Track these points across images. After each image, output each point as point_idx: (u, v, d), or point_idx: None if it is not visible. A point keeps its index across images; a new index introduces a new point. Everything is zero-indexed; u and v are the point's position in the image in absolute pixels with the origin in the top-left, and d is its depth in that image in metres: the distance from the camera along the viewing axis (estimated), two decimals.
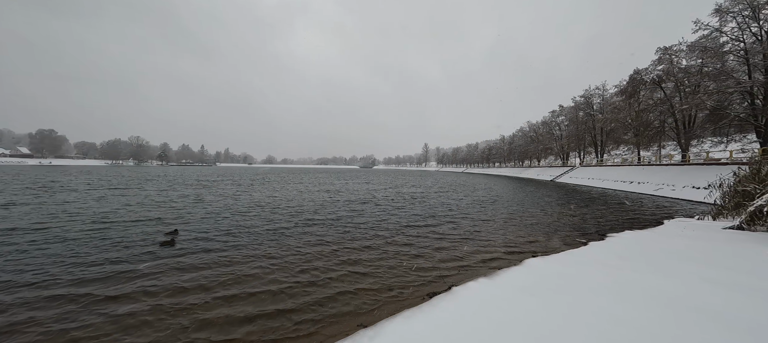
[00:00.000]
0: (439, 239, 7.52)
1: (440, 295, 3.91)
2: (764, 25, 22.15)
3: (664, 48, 29.57)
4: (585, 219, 10.87)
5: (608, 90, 46.91)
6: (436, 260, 5.81)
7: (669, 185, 21.84)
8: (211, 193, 17.32)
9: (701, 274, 4.19)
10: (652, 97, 32.14)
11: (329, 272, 5.04)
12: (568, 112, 57.07)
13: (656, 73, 30.43)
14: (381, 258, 5.79)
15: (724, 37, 24.42)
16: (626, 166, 33.84)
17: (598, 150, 48.43)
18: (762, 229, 6.87)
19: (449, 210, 12.46)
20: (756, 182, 8.23)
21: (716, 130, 26.47)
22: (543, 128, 68.30)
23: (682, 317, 2.91)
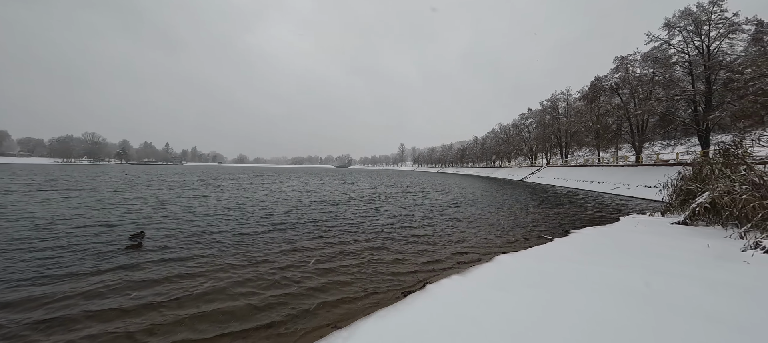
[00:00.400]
0: (416, 238, 7.61)
1: (415, 293, 3.95)
2: (705, 39, 24.55)
3: (621, 57, 31.91)
4: (551, 217, 11.47)
5: (572, 95, 49.90)
6: (412, 259, 5.87)
7: (625, 184, 23.58)
8: (175, 195, 16.36)
9: (650, 265, 4.55)
10: (610, 103, 34.56)
11: (302, 275, 4.93)
12: (536, 116, 59.95)
13: (614, 80, 32.77)
14: (356, 259, 5.75)
15: (672, 49, 26.78)
16: (588, 167, 36.15)
17: (563, 151, 51.32)
18: (702, 224, 7.60)
19: (425, 210, 12.64)
20: (697, 182, 9.09)
21: (665, 134, 28.99)
22: (513, 130, 71.25)
23: (636, 305, 3.14)
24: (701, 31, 24.48)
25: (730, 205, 6.74)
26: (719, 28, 23.77)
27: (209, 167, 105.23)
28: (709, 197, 7.42)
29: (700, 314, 2.90)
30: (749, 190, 6.65)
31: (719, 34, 23.87)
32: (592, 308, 3.13)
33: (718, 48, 24.26)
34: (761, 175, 7.02)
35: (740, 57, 23.47)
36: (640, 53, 30.14)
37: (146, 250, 6.06)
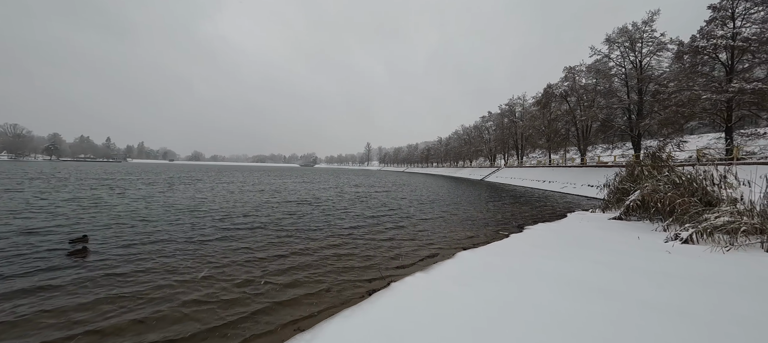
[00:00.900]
0: (382, 238, 7.65)
1: (380, 292, 3.97)
2: (638, 55, 27.64)
3: (569, 67, 34.79)
4: (508, 214, 12.18)
5: (527, 101, 53.34)
6: (378, 259, 5.89)
7: (571, 183, 25.78)
8: (113, 195, 14.84)
9: (592, 257, 5.03)
10: (560, 109, 37.53)
11: (264, 278, 4.73)
12: (496, 119, 63.30)
13: (563, 88, 35.66)
14: (320, 261, 5.64)
15: (612, 62, 29.77)
16: (540, 168, 38.97)
17: (519, 153, 54.79)
18: (635, 218, 8.56)
19: (391, 209, 12.76)
20: (631, 181, 10.21)
21: (605, 138, 32.17)
22: (474, 132, 74.56)
23: (582, 294, 3.44)
24: (635, 48, 27.53)
25: (656, 202, 7.66)
26: (649, 46, 26.90)
27: (159, 165, 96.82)
28: (639, 195, 8.36)
29: (632, 300, 3.25)
30: (671, 189, 7.61)
31: (649, 51, 27.03)
32: (543, 297, 3.38)
33: (648, 63, 27.47)
34: (680, 176, 8.07)
35: (665, 72, 26.79)
36: (586, 64, 33.12)
37: (78, 263, 5.42)
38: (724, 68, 21.92)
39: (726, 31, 21.28)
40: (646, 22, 26.50)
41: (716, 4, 21.92)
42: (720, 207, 6.26)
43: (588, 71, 32.63)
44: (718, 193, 7.19)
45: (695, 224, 5.97)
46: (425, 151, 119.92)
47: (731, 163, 15.89)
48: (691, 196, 7.23)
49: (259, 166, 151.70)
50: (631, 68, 28.34)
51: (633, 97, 28.17)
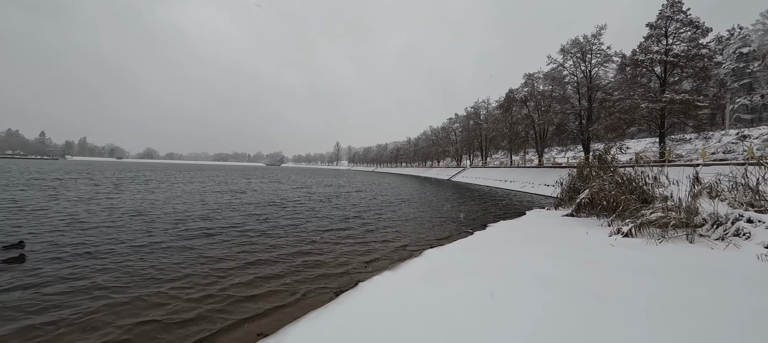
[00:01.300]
0: (351, 238, 7.60)
1: (347, 292, 3.94)
2: (588, 65, 30.13)
3: (529, 74, 37.05)
4: (472, 212, 12.69)
5: (491, 104, 55.96)
6: (346, 259, 5.84)
7: (530, 183, 27.46)
8: (46, 197, 13.30)
9: (548, 252, 5.39)
10: (520, 113, 39.84)
11: (224, 283, 4.49)
12: (462, 121, 65.63)
13: (523, 93, 37.89)
14: (287, 264, 5.48)
15: (566, 71, 32.15)
16: (503, 168, 41.05)
17: (483, 154, 57.28)
18: (584, 215, 9.32)
19: (360, 209, 12.73)
20: (581, 181, 11.09)
21: (560, 141, 34.68)
22: (442, 133, 76.72)
23: (539, 286, 3.68)
24: (586, 59, 29.99)
25: (602, 200, 8.40)
26: (598, 57, 29.45)
27: (104, 163, 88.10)
28: (588, 194, 9.12)
29: (580, 289, 3.54)
30: (614, 188, 8.39)
31: (597, 62, 29.59)
32: (505, 290, 3.56)
33: (596, 73, 30.06)
34: (622, 176, 8.92)
35: (611, 82, 29.50)
36: (543, 72, 35.48)
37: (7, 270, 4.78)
38: (658, 80, 24.59)
39: (660, 48, 23.88)
40: (595, 35, 28.97)
41: (653, 23, 24.53)
42: (654, 204, 7.02)
43: (545, 78, 34.98)
44: (652, 191, 8.05)
45: (634, 220, 6.63)
46: (394, 151, 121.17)
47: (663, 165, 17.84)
48: (631, 194, 8.03)
49: (221, 165, 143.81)
50: (582, 77, 30.83)
51: (583, 103, 30.67)
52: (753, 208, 6.03)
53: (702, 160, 20.18)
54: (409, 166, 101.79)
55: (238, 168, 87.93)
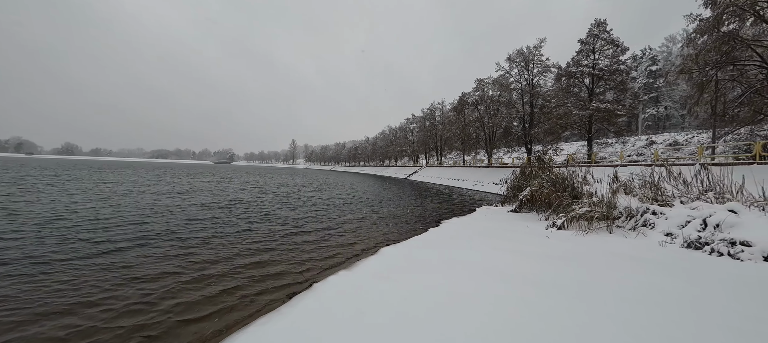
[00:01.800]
0: (306, 240, 7.40)
1: (301, 294, 3.85)
2: (530, 74, 32.95)
3: (480, 79, 39.40)
4: (427, 210, 13.15)
5: (446, 106, 58.46)
6: (301, 261, 5.68)
7: (481, 181, 29.25)
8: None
9: (493, 245, 5.81)
10: (472, 115, 42.23)
11: (159, 298, 4.10)
12: (418, 121, 67.58)
13: (474, 97, 40.22)
14: (236, 270, 5.16)
15: (512, 78, 34.80)
16: (456, 167, 43.15)
17: (439, 154, 59.64)
18: (526, 211, 10.19)
19: (317, 210, 12.45)
20: (523, 180, 12.11)
21: (507, 143, 37.48)
22: (400, 133, 78.23)
23: (489, 278, 3.94)
24: (528, 68, 32.79)
25: (540, 197, 9.27)
26: (539, 67, 32.37)
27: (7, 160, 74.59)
28: (529, 191, 10.00)
29: (519, 278, 3.88)
30: (550, 186, 9.30)
31: (538, 71, 32.52)
32: (455, 282, 3.76)
33: (538, 81, 33.04)
34: (557, 176, 9.92)
35: (549, 90, 32.60)
36: (492, 78, 38.00)
37: None
38: (587, 90, 27.78)
39: (589, 62, 27.00)
40: (537, 46, 31.79)
41: (583, 39, 27.63)
42: (582, 200, 7.94)
43: (494, 84, 37.49)
44: (581, 189, 9.10)
45: (566, 214, 7.43)
46: (353, 150, 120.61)
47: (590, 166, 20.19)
48: (564, 191, 8.98)
49: (161, 163, 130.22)
50: (525, 84, 33.65)
51: (526, 109, 33.51)
52: (656, 202, 7.12)
53: (620, 161, 23.28)
54: (368, 166, 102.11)
55: (180, 166, 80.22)
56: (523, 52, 32.48)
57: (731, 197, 6.36)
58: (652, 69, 46.79)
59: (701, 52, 16.79)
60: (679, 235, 5.54)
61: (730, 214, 5.30)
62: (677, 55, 32.54)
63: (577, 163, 21.95)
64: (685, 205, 6.68)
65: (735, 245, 4.70)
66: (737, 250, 4.62)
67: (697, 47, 17.36)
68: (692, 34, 17.68)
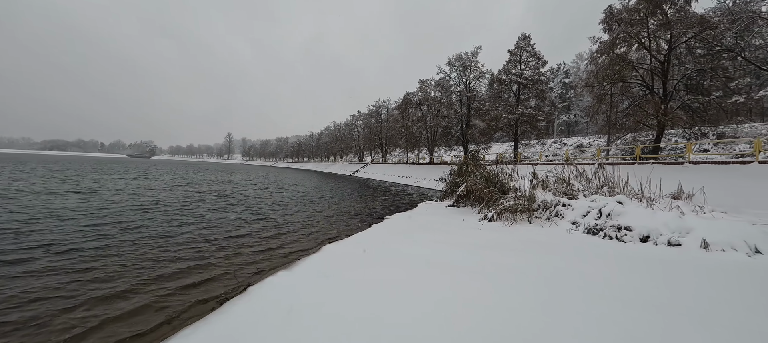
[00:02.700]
0: (242, 240, 6.88)
1: (234, 299, 3.57)
2: (468, 79, 35.47)
3: (423, 81, 41.07)
4: (372, 206, 13.30)
5: (391, 104, 59.66)
6: (237, 264, 5.26)
7: (423, 178, 30.61)
8: None
9: (432, 238, 6.14)
10: (416, 115, 43.86)
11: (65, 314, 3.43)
12: (364, 118, 67.77)
13: (418, 97, 41.83)
14: (158, 281, 4.57)
15: (452, 81, 37.02)
16: (400, 165, 44.42)
17: (384, 151, 60.70)
18: (462, 205, 10.97)
19: (257, 209, 11.67)
20: (460, 177, 13.01)
21: (446, 142, 39.86)
22: (346, 129, 77.50)
23: (427, 268, 4.14)
24: (466, 72, 35.25)
25: (475, 192, 10.07)
26: (475, 72, 35.00)
27: None
28: (465, 187, 10.78)
29: (450, 268, 4.17)
30: (483, 182, 10.15)
31: (474, 76, 35.17)
32: (395, 275, 3.87)
33: (474, 86, 35.70)
34: (488, 173, 10.86)
35: (484, 94, 35.53)
36: (434, 80, 39.93)
37: None
38: (514, 97, 30.93)
39: (516, 71, 30.06)
40: (474, 53, 34.31)
41: (512, 50, 30.63)
42: (508, 195, 8.84)
43: (436, 86, 39.45)
44: (508, 185, 10.12)
45: (495, 208, 8.20)
46: (296, 145, 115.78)
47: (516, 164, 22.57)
48: (494, 187, 9.89)
49: (56, 156, 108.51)
50: (463, 88, 36.11)
51: (464, 111, 36.03)
52: (566, 196, 8.27)
53: (539, 160, 26.52)
54: (312, 162, 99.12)
55: (84, 160, 67.56)
56: (462, 57, 34.77)
57: (619, 190, 7.71)
58: (566, 81, 54.16)
59: (600, 69, 19.97)
60: (581, 223, 6.53)
61: (618, 204, 6.43)
62: (583, 70, 38.20)
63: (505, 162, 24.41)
64: (587, 198, 7.90)
65: (621, 230, 5.72)
66: (622, 234, 5.63)
67: (597, 65, 20.58)
68: (594, 53, 20.92)
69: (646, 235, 5.41)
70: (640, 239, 5.41)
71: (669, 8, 17.20)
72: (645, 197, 6.93)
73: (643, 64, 18.84)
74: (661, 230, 5.36)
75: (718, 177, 10.42)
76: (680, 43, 17.25)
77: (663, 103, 17.08)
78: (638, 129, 18.91)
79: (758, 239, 4.60)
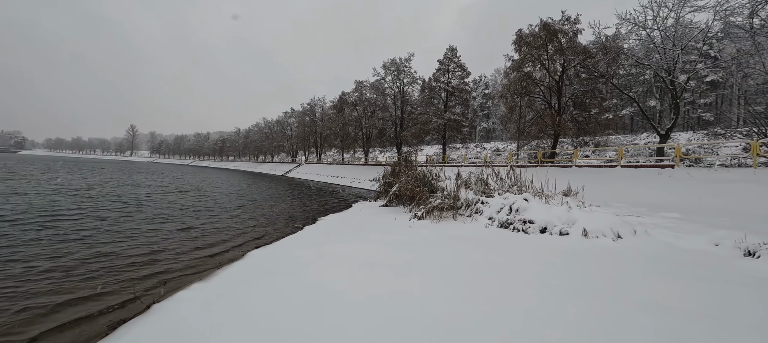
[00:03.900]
0: (149, 252, 5.91)
1: (132, 321, 3.04)
2: (402, 83, 36.94)
3: (359, 81, 41.34)
4: (305, 208, 12.83)
5: (326, 103, 58.51)
6: (140, 277, 4.49)
7: (358, 178, 30.76)
8: None
9: (366, 238, 6.20)
10: (351, 115, 43.88)
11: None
12: (298, 116, 65.03)
13: (354, 97, 41.92)
14: (29, 301, 3.62)
15: (386, 84, 38.09)
16: (336, 165, 43.88)
17: (318, 150, 59.18)
18: (395, 205, 11.35)
19: (169, 214, 10.17)
20: (393, 177, 13.45)
21: (381, 143, 40.83)
22: (277, 127, 73.22)
23: (356, 266, 4.13)
24: (400, 77, 36.67)
25: (406, 192, 10.51)
26: (408, 78, 36.66)
27: None
28: (397, 187, 11.18)
29: (382, 266, 4.27)
30: (414, 182, 10.67)
31: (408, 81, 36.83)
32: (327, 277, 3.78)
33: (408, 90, 37.35)
34: (419, 174, 11.46)
35: (416, 99, 37.45)
36: (369, 82, 40.54)
37: None
38: (443, 103, 33.33)
39: (445, 79, 32.42)
40: (408, 59, 35.90)
41: (441, 60, 32.94)
42: (436, 194, 9.46)
43: (371, 88, 40.11)
44: (436, 185, 10.84)
45: (425, 206, 8.69)
46: (220, 142, 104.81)
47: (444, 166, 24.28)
48: (424, 187, 10.48)
49: None
50: (397, 92, 37.49)
51: (398, 113, 37.43)
52: (485, 194, 9.23)
53: (463, 162, 29.12)
54: (239, 161, 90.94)
55: None
56: (396, 62, 36.06)
57: (526, 189, 8.93)
58: (486, 92, 60.65)
59: (512, 83, 22.90)
60: (496, 218, 7.37)
61: (524, 201, 7.43)
62: (500, 83, 43.31)
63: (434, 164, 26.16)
64: (501, 196, 8.95)
65: (526, 224, 6.62)
66: (527, 226, 6.53)
67: (510, 80, 23.56)
68: (507, 69, 23.90)
69: (544, 227, 6.37)
70: (540, 230, 6.34)
71: (562, 38, 20.65)
72: (544, 194, 8.17)
73: (544, 82, 22.21)
74: (555, 222, 6.37)
75: (595, 177, 12.89)
76: (570, 67, 20.85)
77: (558, 116, 20.40)
78: (540, 137, 22.20)
79: (620, 227, 5.83)
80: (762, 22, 13.54)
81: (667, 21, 16.59)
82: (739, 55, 16.73)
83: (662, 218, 7.53)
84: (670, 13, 16.26)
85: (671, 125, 18.27)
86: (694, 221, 7.05)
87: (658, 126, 19.76)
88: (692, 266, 4.13)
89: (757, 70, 15.38)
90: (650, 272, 3.93)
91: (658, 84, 21.80)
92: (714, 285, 3.45)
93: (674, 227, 6.46)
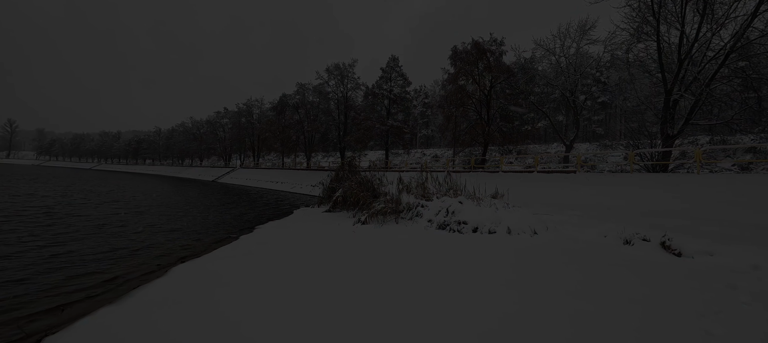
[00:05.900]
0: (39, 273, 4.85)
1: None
2: (345, 88, 36.88)
3: (301, 84, 40.05)
4: (241, 216, 11.90)
5: (265, 105, 55.26)
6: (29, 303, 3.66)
7: (299, 183, 29.63)
8: None
9: (307, 244, 6.03)
10: (293, 118, 42.18)
11: None
12: (233, 117, 60.04)
13: (296, 100, 40.44)
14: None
15: (330, 88, 37.61)
16: (275, 170, 41.58)
17: (256, 154, 55.38)
18: (339, 210, 11.24)
19: (62, 232, 8.48)
20: (337, 182, 13.32)
21: (324, 147, 40.08)
22: (207, 127, 66.52)
23: (296, 275, 3.99)
24: (344, 82, 36.59)
25: (350, 197, 10.51)
26: (352, 83, 36.77)
27: None
28: (341, 192, 11.11)
29: (325, 271, 4.23)
30: (357, 187, 10.73)
31: (352, 87, 36.93)
32: (256, 292, 3.58)
33: (351, 95, 37.41)
34: (363, 178, 11.57)
35: (360, 104, 37.73)
36: (313, 85, 39.59)
37: None
38: (386, 110, 34.21)
39: (387, 87, 33.35)
40: (351, 65, 36.03)
41: (384, 68, 33.84)
42: (380, 198, 9.66)
43: (314, 91, 39.19)
44: (380, 189, 11.06)
45: (368, 211, 8.80)
46: (134, 142, 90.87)
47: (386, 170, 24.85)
48: (368, 191, 10.60)
49: None
50: (341, 96, 37.31)
51: (341, 118, 37.22)
52: (424, 198, 9.73)
53: (405, 167, 30.23)
54: (160, 165, 79.97)
55: None
56: (340, 67, 35.92)
57: (461, 193, 9.67)
58: (426, 101, 64.04)
59: (448, 95, 24.67)
60: (435, 220, 7.82)
61: (459, 204, 8.04)
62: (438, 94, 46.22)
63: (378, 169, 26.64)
64: (439, 199, 9.54)
65: (460, 224, 7.17)
66: (461, 227, 7.08)
67: (446, 92, 25.34)
68: (444, 81, 25.67)
69: (476, 226, 6.99)
70: (472, 230, 6.93)
71: (490, 57, 23.01)
72: (476, 197, 8.96)
73: (476, 95, 24.40)
74: (485, 222, 7.04)
75: (518, 181, 14.55)
76: (497, 83, 23.31)
77: (487, 126, 22.58)
78: (472, 144, 24.25)
79: (536, 225, 6.70)
80: (634, 58, 17.05)
81: (570, 50, 19.82)
82: (620, 81, 20.76)
83: (568, 215, 8.86)
84: (572, 44, 19.46)
85: (573, 137, 21.72)
86: (591, 217, 8.45)
87: (565, 138, 23.27)
88: (587, 253, 4.96)
89: (633, 95, 19.28)
90: (556, 260, 4.62)
91: (564, 102, 25.72)
92: (600, 267, 4.21)
93: (576, 222, 7.65)
